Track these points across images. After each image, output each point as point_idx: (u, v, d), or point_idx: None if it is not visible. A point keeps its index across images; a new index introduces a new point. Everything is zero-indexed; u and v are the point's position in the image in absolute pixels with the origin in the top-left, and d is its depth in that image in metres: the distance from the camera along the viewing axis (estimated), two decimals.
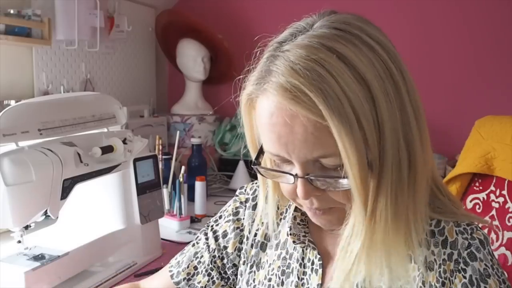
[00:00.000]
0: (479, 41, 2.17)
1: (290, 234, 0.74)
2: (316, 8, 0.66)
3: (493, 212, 1.21)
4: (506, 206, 1.17)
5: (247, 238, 0.81)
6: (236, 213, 0.83)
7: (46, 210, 1.07)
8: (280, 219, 0.80)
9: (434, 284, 0.63)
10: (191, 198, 1.81)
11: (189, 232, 1.66)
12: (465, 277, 0.62)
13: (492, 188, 1.22)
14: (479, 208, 1.25)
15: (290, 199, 0.68)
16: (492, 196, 1.22)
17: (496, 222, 1.19)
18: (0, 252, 1.11)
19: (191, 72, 2.39)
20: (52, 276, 1.11)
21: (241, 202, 0.84)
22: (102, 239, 1.27)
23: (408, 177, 0.60)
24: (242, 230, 0.82)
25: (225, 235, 0.83)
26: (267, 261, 0.78)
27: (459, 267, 0.63)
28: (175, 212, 1.70)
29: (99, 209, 1.35)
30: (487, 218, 1.22)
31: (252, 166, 0.68)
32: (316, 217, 0.67)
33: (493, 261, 0.64)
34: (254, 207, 0.82)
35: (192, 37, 2.35)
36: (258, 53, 0.66)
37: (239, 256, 0.81)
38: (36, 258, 1.11)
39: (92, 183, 1.21)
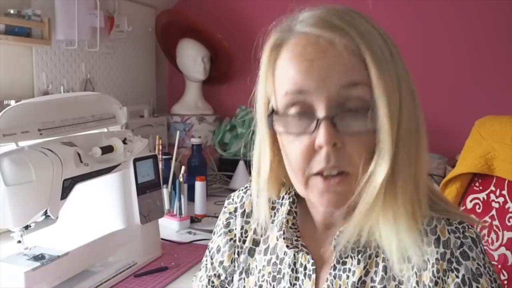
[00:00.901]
0: (479, 41, 2.17)
1: (284, 239, 0.71)
2: None
3: (493, 212, 1.20)
4: (506, 206, 1.17)
5: (237, 246, 0.79)
6: (227, 225, 0.81)
7: (46, 210, 1.07)
8: (268, 224, 0.77)
9: (428, 283, 0.63)
10: (191, 198, 1.81)
11: (189, 232, 1.66)
12: (458, 277, 0.62)
13: (492, 188, 1.22)
14: (479, 208, 1.25)
15: (300, 169, 0.64)
16: (492, 196, 1.22)
17: (496, 222, 1.19)
18: (0, 252, 1.11)
19: (191, 72, 2.39)
20: (52, 276, 1.11)
21: (230, 213, 0.82)
22: (102, 239, 1.27)
23: (417, 146, 0.64)
24: (235, 241, 0.80)
25: (219, 250, 0.81)
26: (256, 266, 0.77)
27: (452, 267, 0.63)
28: (175, 212, 1.70)
29: (99, 209, 1.35)
30: (487, 218, 1.22)
31: (267, 117, 0.66)
32: (327, 193, 0.63)
33: (485, 259, 0.64)
34: (243, 214, 0.80)
35: (192, 37, 2.35)
36: (261, 41, 0.67)
37: (235, 267, 0.79)
38: (36, 258, 1.11)
39: (92, 183, 1.21)
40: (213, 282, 0.81)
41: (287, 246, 0.71)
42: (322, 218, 0.72)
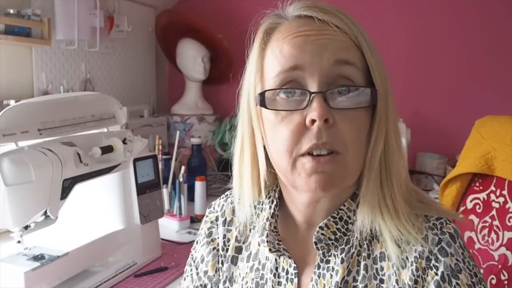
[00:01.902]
0: (479, 41, 2.17)
1: (267, 242, 0.70)
2: None
3: (494, 212, 1.20)
4: (507, 206, 1.17)
5: (220, 256, 0.78)
6: (209, 234, 0.80)
7: (46, 210, 1.07)
8: (250, 230, 0.77)
9: (407, 282, 0.63)
10: (191, 198, 1.81)
11: (189, 232, 1.66)
12: (437, 274, 0.62)
13: (493, 188, 1.22)
14: (479, 208, 1.24)
15: (288, 149, 0.62)
16: (493, 196, 1.22)
17: (496, 222, 1.19)
18: (0, 252, 1.11)
19: (191, 72, 2.39)
20: (52, 276, 1.11)
21: (211, 222, 0.81)
22: (102, 239, 1.27)
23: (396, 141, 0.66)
24: (218, 250, 0.79)
25: (202, 259, 0.80)
26: (239, 274, 0.76)
27: (431, 264, 0.63)
28: (175, 212, 1.70)
29: (99, 209, 1.35)
30: (487, 218, 1.21)
31: (259, 99, 0.64)
32: (316, 174, 0.62)
33: (464, 254, 0.64)
34: (224, 222, 0.79)
35: (192, 37, 2.35)
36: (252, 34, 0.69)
37: (220, 276, 0.78)
38: (36, 258, 1.11)
39: (92, 183, 1.21)
40: None
41: (270, 250, 0.70)
42: (303, 215, 0.70)
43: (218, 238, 0.79)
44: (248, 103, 0.68)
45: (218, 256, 0.79)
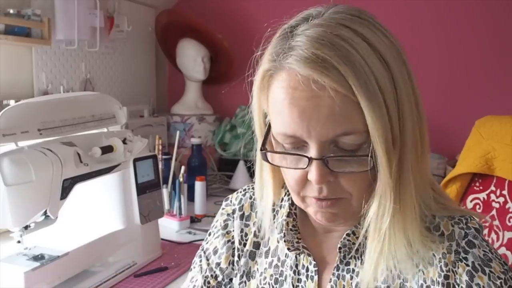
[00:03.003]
0: (479, 41, 2.17)
1: (285, 241, 0.71)
2: None
3: (494, 212, 1.20)
4: (507, 206, 1.17)
5: (237, 249, 0.78)
6: (225, 227, 0.80)
7: (46, 210, 1.07)
8: (269, 226, 0.76)
9: (436, 279, 0.63)
10: (191, 198, 1.81)
11: (189, 232, 1.66)
12: (467, 265, 0.63)
13: (493, 188, 1.22)
14: (479, 208, 1.24)
15: (295, 190, 0.65)
16: (493, 196, 1.22)
17: (496, 222, 1.19)
18: (0, 252, 1.11)
19: (191, 72, 2.39)
20: (52, 276, 1.11)
21: (228, 214, 0.81)
22: (102, 239, 1.27)
23: (421, 156, 0.63)
24: (233, 243, 0.79)
25: (216, 251, 0.80)
26: (257, 269, 0.76)
27: (460, 257, 0.63)
28: (175, 212, 1.70)
29: (99, 209, 1.35)
30: (487, 218, 1.21)
31: (260, 151, 0.65)
32: (321, 211, 0.64)
33: (489, 246, 0.65)
34: (242, 217, 0.79)
35: (192, 37, 2.34)
36: (266, 38, 0.65)
37: (233, 269, 0.78)
38: (36, 258, 1.11)
39: (92, 183, 1.21)
40: (209, 282, 0.79)
41: (289, 249, 0.71)
42: (320, 226, 0.72)
43: (233, 231, 0.80)
44: (259, 122, 0.68)
45: (233, 249, 0.79)
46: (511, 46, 2.13)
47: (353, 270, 0.68)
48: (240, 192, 0.83)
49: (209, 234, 0.84)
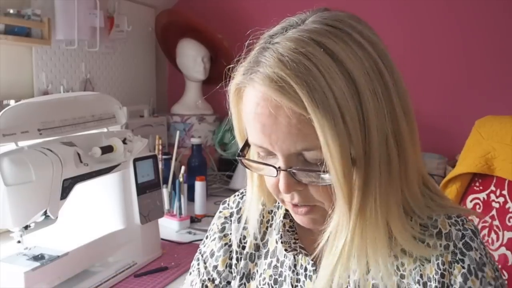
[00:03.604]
0: (479, 41, 2.17)
1: (282, 242, 0.72)
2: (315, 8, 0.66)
3: (493, 212, 1.20)
4: (507, 206, 1.17)
5: (236, 252, 0.79)
6: (222, 229, 0.81)
7: (46, 210, 1.07)
8: (267, 227, 0.78)
9: (433, 276, 0.64)
10: (191, 198, 1.81)
11: (189, 232, 1.66)
12: (463, 267, 0.63)
13: (492, 188, 1.22)
14: (479, 208, 1.24)
15: (274, 194, 0.67)
16: (492, 196, 1.22)
17: (496, 222, 1.19)
18: (0, 252, 1.11)
19: (191, 72, 2.39)
20: (52, 276, 1.11)
21: (225, 217, 0.82)
22: (102, 239, 1.27)
23: (399, 173, 0.62)
24: (230, 246, 0.79)
25: (212, 254, 0.80)
26: (257, 271, 0.77)
27: (457, 258, 0.64)
28: (175, 212, 1.70)
29: (99, 209, 1.35)
30: (487, 218, 1.21)
31: (237, 157, 0.68)
32: (298, 216, 0.67)
33: (485, 249, 0.66)
34: (239, 220, 0.80)
35: (192, 37, 2.34)
36: (250, 44, 0.67)
37: (231, 272, 0.79)
38: (36, 258, 1.11)
39: (92, 183, 1.21)
40: (207, 286, 0.80)
41: (286, 250, 0.72)
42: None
43: (231, 234, 0.80)
44: (238, 129, 0.71)
45: (231, 252, 0.79)
46: (511, 46, 2.13)
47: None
48: (238, 195, 0.83)
49: (206, 237, 0.84)
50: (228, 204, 0.83)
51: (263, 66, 0.59)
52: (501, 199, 1.19)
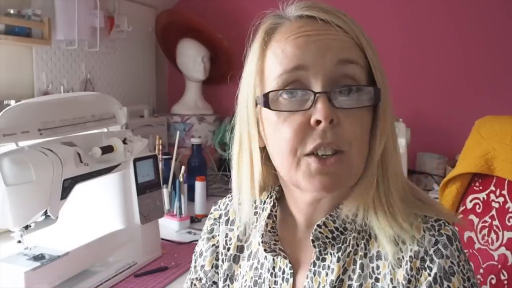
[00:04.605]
0: (479, 41, 2.17)
1: (262, 242, 0.71)
2: None
3: (493, 212, 1.20)
4: (506, 206, 1.17)
5: (221, 254, 0.79)
6: (211, 231, 0.82)
7: (46, 210, 1.07)
8: (251, 229, 0.77)
9: (401, 281, 0.63)
10: (191, 198, 1.81)
11: (189, 232, 1.66)
12: (430, 275, 0.62)
13: (492, 188, 1.22)
14: (479, 208, 1.24)
15: (292, 149, 0.62)
16: (492, 196, 1.22)
17: (496, 222, 1.19)
18: (0, 252, 1.11)
19: (191, 72, 2.39)
20: (52, 276, 1.11)
21: (215, 219, 0.82)
22: (102, 239, 1.27)
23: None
24: (217, 247, 0.80)
25: (201, 254, 0.81)
26: (240, 273, 0.77)
27: (425, 265, 0.63)
28: (175, 212, 1.70)
29: (99, 209, 1.35)
30: (487, 218, 1.22)
31: (263, 100, 0.64)
32: (320, 175, 0.61)
33: (460, 257, 0.63)
34: (227, 222, 0.80)
35: (192, 37, 2.35)
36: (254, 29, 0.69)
37: (217, 273, 0.79)
38: (36, 258, 1.11)
39: (92, 183, 1.21)
40: (195, 285, 0.81)
41: (265, 250, 0.71)
42: (304, 214, 0.71)
43: (218, 235, 0.80)
44: (247, 104, 0.68)
45: (217, 253, 0.80)
46: (510, 46, 2.13)
47: (329, 267, 0.68)
48: (228, 197, 0.83)
49: (200, 237, 0.85)
50: (219, 206, 0.84)
51: (296, 7, 0.65)
52: (501, 199, 1.19)
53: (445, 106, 2.21)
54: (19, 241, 1.10)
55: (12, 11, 1.55)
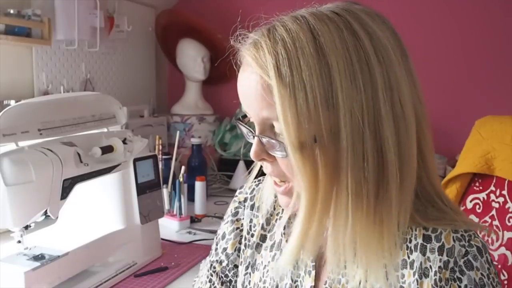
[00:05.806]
0: (479, 41, 2.17)
1: (284, 234, 0.73)
2: None
3: (493, 212, 1.20)
4: (506, 206, 1.17)
5: (245, 238, 0.80)
6: (235, 214, 0.82)
7: (46, 210, 1.07)
8: (276, 220, 0.78)
9: None
10: (191, 198, 1.81)
11: (189, 232, 1.66)
12: (460, 287, 0.61)
13: (492, 188, 1.22)
14: (479, 208, 1.24)
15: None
16: (492, 196, 1.22)
17: (496, 222, 1.19)
18: (0, 252, 1.11)
19: (191, 72, 2.39)
20: (52, 276, 1.11)
21: (239, 202, 0.83)
22: (102, 239, 1.27)
23: (377, 172, 0.59)
24: (241, 230, 0.81)
25: (224, 236, 0.82)
26: (261, 262, 0.77)
27: (455, 276, 0.62)
28: (175, 212, 1.70)
29: (99, 209, 1.35)
30: (487, 218, 1.22)
31: (235, 120, 0.71)
32: (279, 190, 0.67)
33: (490, 270, 0.63)
34: (252, 207, 0.81)
35: (192, 37, 2.35)
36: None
37: (239, 256, 0.80)
38: (36, 258, 1.11)
39: (92, 183, 1.21)
40: (214, 267, 0.82)
41: (287, 241, 0.71)
42: None
43: (243, 219, 0.81)
44: None
45: (241, 237, 0.81)
46: (511, 46, 2.13)
47: (350, 274, 0.67)
48: (254, 182, 0.83)
49: (222, 220, 0.86)
50: (244, 189, 0.84)
51: (256, 34, 0.64)
52: (501, 199, 1.19)
53: (445, 106, 2.21)
54: (19, 241, 1.10)
55: (12, 11, 1.55)
